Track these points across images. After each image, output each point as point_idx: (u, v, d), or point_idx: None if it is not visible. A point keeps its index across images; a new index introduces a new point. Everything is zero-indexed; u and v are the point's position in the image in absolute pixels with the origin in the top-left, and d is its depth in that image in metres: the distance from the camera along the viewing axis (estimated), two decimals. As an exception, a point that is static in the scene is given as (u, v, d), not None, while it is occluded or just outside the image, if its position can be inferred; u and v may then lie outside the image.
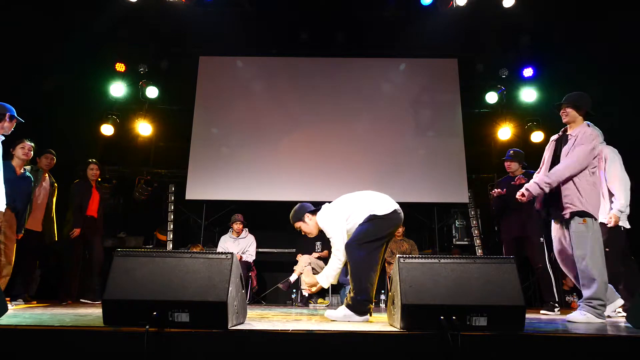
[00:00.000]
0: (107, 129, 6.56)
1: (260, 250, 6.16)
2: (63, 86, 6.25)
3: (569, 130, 3.19)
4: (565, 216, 3.02)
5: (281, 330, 1.91)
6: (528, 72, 6.78)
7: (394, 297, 2.22)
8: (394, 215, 2.88)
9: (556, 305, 4.05)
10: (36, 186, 4.43)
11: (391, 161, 6.63)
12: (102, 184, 5.46)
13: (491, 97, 6.93)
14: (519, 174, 4.50)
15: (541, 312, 4.08)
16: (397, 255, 2.13)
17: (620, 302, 3.36)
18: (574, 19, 5.94)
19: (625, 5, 5.44)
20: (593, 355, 1.82)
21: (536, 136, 6.50)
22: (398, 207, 2.94)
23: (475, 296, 1.95)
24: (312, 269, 5.71)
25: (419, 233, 7.11)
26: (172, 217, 6.65)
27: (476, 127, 6.99)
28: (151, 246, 6.59)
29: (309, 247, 5.97)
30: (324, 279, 2.89)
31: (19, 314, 2.64)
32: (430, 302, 1.94)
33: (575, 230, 2.98)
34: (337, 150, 6.66)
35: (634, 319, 2.36)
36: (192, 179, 6.57)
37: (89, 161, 5.08)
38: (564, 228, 3.09)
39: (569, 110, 3.16)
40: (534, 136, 6.53)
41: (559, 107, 3.24)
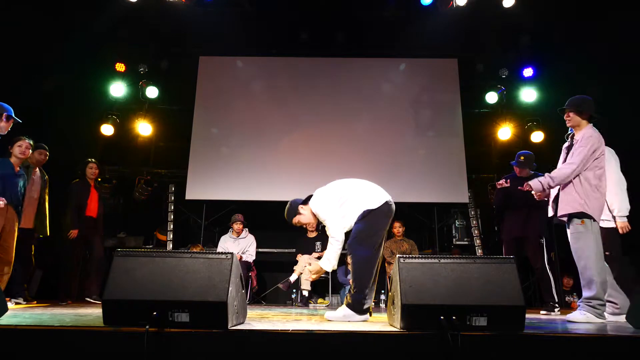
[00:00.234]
0: (107, 129, 6.56)
1: (260, 250, 6.16)
2: (63, 86, 6.25)
3: (575, 135, 3.22)
4: (564, 218, 3.05)
5: (281, 330, 1.91)
6: (528, 72, 6.78)
7: (394, 297, 2.22)
8: (385, 207, 2.90)
9: (556, 305, 4.05)
10: (27, 183, 4.40)
11: (391, 161, 6.63)
12: (102, 184, 5.46)
13: (491, 97, 6.93)
14: (529, 175, 4.46)
15: (541, 312, 4.08)
16: (397, 255, 2.13)
17: None
18: (574, 19, 5.94)
19: (625, 5, 5.44)
20: (593, 355, 1.82)
21: (536, 136, 6.50)
22: (389, 198, 2.97)
23: (475, 296, 1.95)
24: (312, 269, 5.71)
25: (419, 233, 7.11)
26: (172, 217, 6.65)
27: (476, 127, 6.99)
28: (151, 246, 6.59)
29: (309, 247, 5.97)
30: (326, 262, 2.90)
31: (19, 314, 2.64)
32: (430, 302, 1.94)
33: (574, 231, 3.00)
34: (337, 150, 6.66)
35: (634, 319, 2.36)
36: (192, 179, 6.57)
37: (88, 160, 5.07)
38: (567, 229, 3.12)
39: (572, 114, 3.20)
40: (534, 136, 6.52)
41: (562, 112, 3.28)
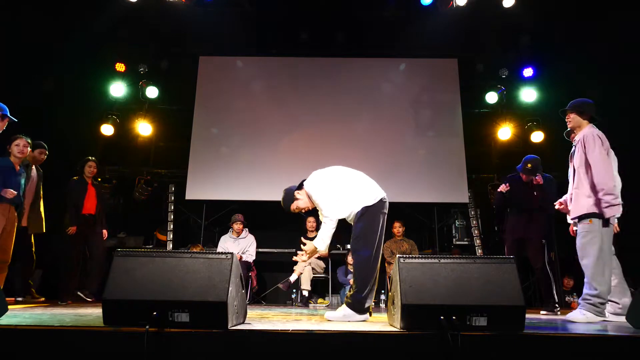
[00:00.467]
0: (107, 129, 6.56)
1: (260, 250, 6.16)
2: (63, 86, 6.25)
3: (575, 137, 3.25)
4: (575, 218, 3.09)
5: (281, 330, 1.91)
6: (528, 72, 6.78)
7: (394, 297, 2.22)
8: (380, 204, 2.92)
9: (556, 305, 4.05)
10: (28, 182, 4.41)
11: (391, 161, 6.63)
12: (101, 183, 5.45)
13: (491, 97, 6.93)
14: (539, 179, 4.46)
15: (541, 312, 4.08)
16: (397, 255, 2.13)
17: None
18: (574, 19, 5.94)
19: (625, 5, 5.44)
20: (593, 355, 1.82)
21: (536, 136, 6.50)
22: (384, 194, 2.99)
23: (475, 296, 1.95)
24: (312, 269, 5.72)
25: (419, 233, 7.11)
26: (172, 217, 6.65)
27: (476, 127, 6.99)
28: (151, 246, 6.59)
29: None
30: (319, 241, 2.89)
31: (19, 314, 2.64)
32: (430, 302, 1.94)
33: (581, 230, 3.02)
34: (337, 150, 6.66)
35: (634, 319, 2.36)
36: (192, 179, 6.57)
37: (87, 159, 5.06)
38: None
39: (573, 115, 3.24)
40: (534, 136, 6.53)
41: (564, 113, 3.32)
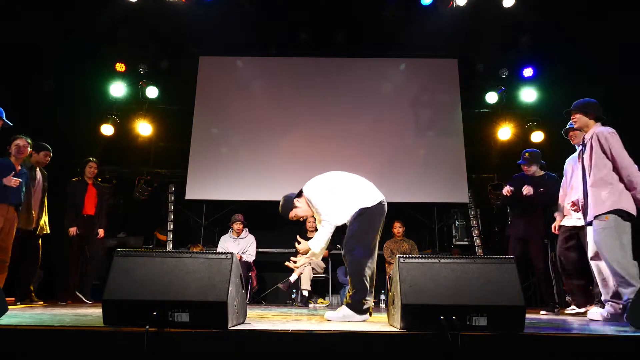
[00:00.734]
0: (107, 129, 6.56)
1: (260, 250, 6.16)
2: (63, 86, 6.25)
3: (586, 136, 3.23)
4: (591, 218, 3.06)
5: (281, 330, 1.91)
6: (528, 72, 6.79)
7: (394, 297, 2.22)
8: (379, 207, 2.93)
9: (556, 305, 4.05)
10: (33, 184, 4.43)
11: (391, 161, 6.63)
12: (102, 183, 5.45)
13: (491, 97, 6.93)
14: (539, 174, 4.45)
15: (541, 312, 4.08)
16: (397, 255, 2.13)
17: None
18: (574, 19, 5.94)
19: (625, 5, 5.44)
20: (593, 355, 1.82)
21: (536, 136, 6.50)
22: (383, 197, 3.00)
23: (475, 296, 1.95)
24: (312, 269, 5.71)
25: (419, 233, 7.11)
26: (172, 217, 6.65)
27: (476, 127, 6.99)
28: (151, 246, 6.59)
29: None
30: (315, 243, 2.90)
31: (19, 314, 2.64)
32: (430, 302, 1.94)
33: (597, 227, 2.99)
34: (337, 150, 6.66)
35: (634, 319, 2.36)
36: (192, 179, 6.57)
37: (88, 159, 5.08)
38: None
39: (578, 116, 3.23)
40: (534, 136, 6.52)
41: (568, 114, 3.31)
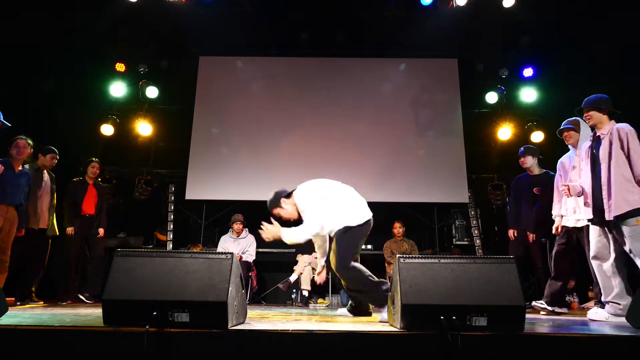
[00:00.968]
0: (107, 129, 6.56)
1: (260, 250, 6.15)
2: (63, 86, 6.25)
3: (599, 132, 3.19)
4: (618, 216, 2.97)
5: (281, 330, 1.91)
6: (528, 72, 6.78)
7: (394, 297, 2.22)
8: (366, 226, 3.04)
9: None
10: (38, 185, 4.46)
11: (391, 161, 6.63)
12: (102, 183, 5.46)
13: (491, 97, 6.93)
14: (536, 171, 4.46)
15: (541, 312, 4.08)
16: (397, 255, 2.13)
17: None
18: (574, 19, 5.94)
19: (625, 5, 5.44)
20: (593, 355, 1.82)
21: (536, 136, 6.50)
22: (370, 216, 3.08)
23: (475, 296, 1.95)
24: (312, 269, 5.71)
25: (419, 233, 7.11)
26: (172, 217, 6.64)
27: (476, 127, 6.99)
28: (151, 246, 6.58)
29: (309, 247, 5.95)
30: (287, 233, 2.95)
31: (19, 314, 2.64)
32: (430, 302, 1.94)
33: (631, 233, 2.92)
34: (337, 151, 6.66)
35: (634, 319, 2.36)
36: (192, 179, 6.57)
37: (90, 160, 5.12)
38: (612, 230, 3.06)
39: (592, 113, 3.19)
40: (534, 136, 6.52)
41: (580, 112, 3.27)
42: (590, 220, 3.20)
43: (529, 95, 6.73)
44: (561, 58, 6.43)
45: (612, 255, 3.09)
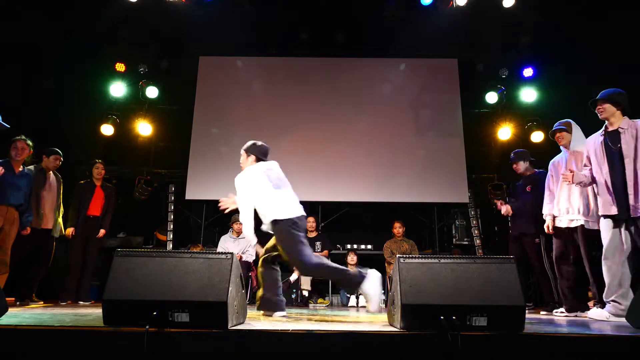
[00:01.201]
0: (107, 129, 6.56)
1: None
2: (63, 86, 6.25)
3: (612, 126, 3.12)
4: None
5: (281, 330, 1.91)
6: (528, 72, 6.79)
7: (394, 297, 2.22)
8: (289, 223, 3.06)
9: (556, 305, 4.04)
10: (41, 186, 4.47)
11: (391, 161, 6.63)
12: (108, 184, 5.47)
13: (491, 97, 6.93)
14: (529, 173, 4.49)
15: (541, 312, 4.08)
16: (397, 255, 2.13)
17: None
18: (574, 19, 5.94)
19: (625, 5, 5.44)
20: (593, 355, 1.82)
21: (536, 136, 6.50)
22: (299, 214, 3.12)
23: (475, 296, 1.95)
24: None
25: (419, 233, 7.11)
26: (172, 217, 6.65)
27: (476, 127, 7.00)
28: (151, 246, 6.58)
29: (309, 247, 5.96)
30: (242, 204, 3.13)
31: (19, 314, 2.64)
32: (430, 302, 1.94)
33: None
34: (337, 150, 6.66)
35: (634, 319, 2.36)
36: (192, 179, 6.57)
37: (94, 161, 5.16)
38: (630, 227, 2.99)
39: (606, 105, 3.12)
40: (534, 136, 6.53)
41: (594, 104, 3.19)
42: (609, 216, 3.07)
43: (529, 95, 6.73)
44: (561, 58, 6.43)
45: (626, 254, 3.00)
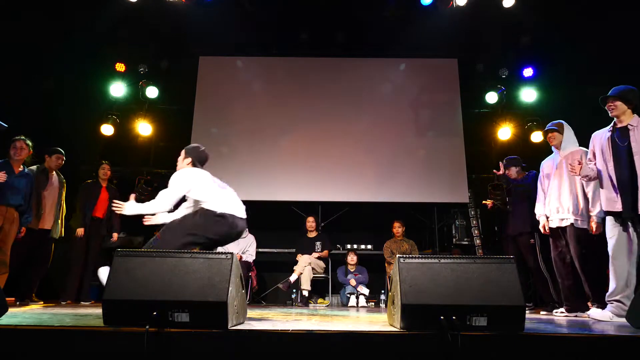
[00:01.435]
0: (107, 129, 6.56)
1: (260, 250, 6.16)
2: (63, 86, 6.25)
3: (621, 123, 3.08)
4: None
5: (281, 330, 1.91)
6: (528, 72, 6.79)
7: (394, 297, 2.22)
8: (222, 218, 2.86)
9: (556, 305, 4.05)
10: (42, 187, 4.48)
11: (391, 161, 6.63)
12: (114, 185, 5.48)
13: (491, 97, 6.93)
14: (521, 176, 4.59)
15: (541, 312, 4.08)
16: (397, 255, 2.13)
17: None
18: (574, 19, 5.94)
19: (625, 5, 5.44)
20: (593, 355, 1.82)
21: (536, 136, 6.50)
22: (240, 215, 2.96)
23: (475, 296, 1.95)
24: (312, 269, 5.71)
25: (419, 233, 7.10)
26: (172, 217, 6.63)
27: (476, 127, 6.99)
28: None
29: (309, 247, 5.97)
30: (135, 207, 2.98)
31: (19, 314, 2.64)
32: (430, 302, 1.94)
33: None
34: (337, 151, 6.66)
35: (634, 319, 2.36)
36: (192, 179, 6.56)
37: (100, 162, 5.22)
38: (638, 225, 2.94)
39: (618, 103, 3.09)
40: (534, 136, 6.53)
41: (604, 101, 3.16)
42: (615, 214, 3.02)
43: (529, 95, 6.73)
44: (561, 58, 6.43)
45: (635, 254, 2.95)
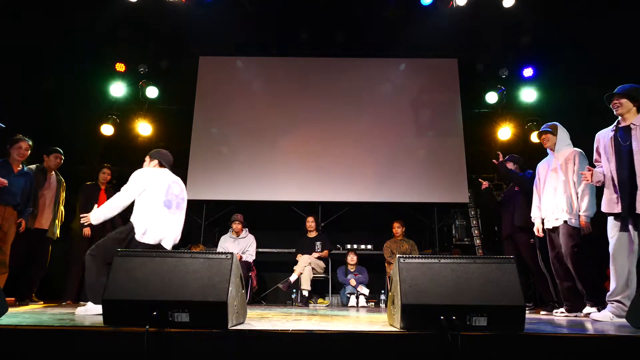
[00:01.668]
0: (107, 129, 6.57)
1: (260, 250, 6.16)
2: (63, 86, 6.25)
3: (625, 122, 3.06)
4: None
5: (281, 330, 1.91)
6: (528, 72, 6.79)
7: (394, 297, 2.22)
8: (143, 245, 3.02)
9: (556, 305, 4.05)
10: (41, 186, 4.48)
11: (391, 161, 6.63)
12: (113, 189, 5.49)
13: (491, 97, 6.94)
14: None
15: (541, 312, 4.08)
16: (397, 255, 2.13)
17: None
18: (574, 19, 5.94)
19: (625, 5, 5.44)
20: (593, 355, 1.82)
21: (536, 136, 6.50)
22: (163, 246, 3.12)
23: (475, 296, 1.95)
24: (312, 269, 5.71)
25: (419, 233, 7.11)
26: (172, 217, 6.63)
27: (476, 127, 7.00)
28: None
29: (309, 247, 5.97)
30: (96, 213, 3.04)
31: (19, 314, 2.64)
32: (430, 302, 1.94)
33: None
34: (337, 151, 6.66)
35: (634, 319, 2.36)
36: (192, 179, 6.57)
37: (103, 165, 5.27)
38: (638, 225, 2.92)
39: (623, 101, 3.07)
40: (534, 136, 6.52)
41: (609, 99, 3.13)
42: (615, 215, 3.00)
43: (529, 95, 6.73)
44: (561, 58, 6.43)
45: (636, 254, 2.93)
